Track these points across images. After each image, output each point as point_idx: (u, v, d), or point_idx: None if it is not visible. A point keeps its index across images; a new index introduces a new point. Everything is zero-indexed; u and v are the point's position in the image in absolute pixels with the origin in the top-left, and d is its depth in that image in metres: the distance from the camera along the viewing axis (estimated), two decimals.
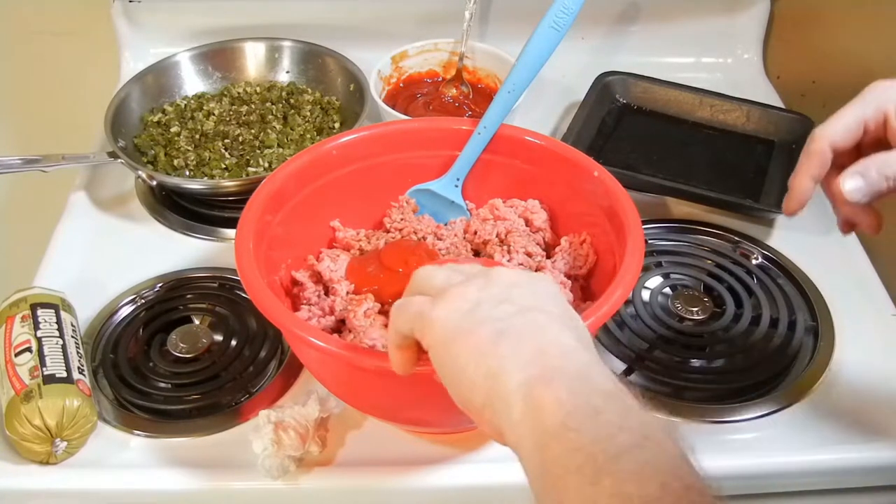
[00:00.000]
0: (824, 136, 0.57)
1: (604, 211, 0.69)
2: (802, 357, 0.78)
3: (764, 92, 1.11)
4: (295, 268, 0.73)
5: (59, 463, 0.68)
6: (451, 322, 0.45)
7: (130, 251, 0.89)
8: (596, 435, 0.39)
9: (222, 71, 1.06)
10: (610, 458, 0.37)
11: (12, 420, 0.66)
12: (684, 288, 0.83)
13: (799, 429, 0.72)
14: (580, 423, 0.39)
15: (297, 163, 0.73)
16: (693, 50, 1.16)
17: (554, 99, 1.09)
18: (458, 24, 1.03)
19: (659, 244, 0.89)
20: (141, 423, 0.72)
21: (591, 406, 0.40)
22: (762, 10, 1.14)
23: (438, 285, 0.48)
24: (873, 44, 1.00)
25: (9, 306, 0.74)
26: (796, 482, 0.72)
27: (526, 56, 0.76)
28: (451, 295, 0.46)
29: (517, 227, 0.75)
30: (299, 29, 1.08)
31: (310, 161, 0.73)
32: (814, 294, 0.83)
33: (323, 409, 0.69)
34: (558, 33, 0.75)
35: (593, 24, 1.14)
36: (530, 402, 0.40)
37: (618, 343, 0.77)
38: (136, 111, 1.00)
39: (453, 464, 0.69)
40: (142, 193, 0.96)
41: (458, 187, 0.78)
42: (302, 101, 1.02)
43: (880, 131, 0.56)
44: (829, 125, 0.57)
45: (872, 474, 0.72)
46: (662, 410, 0.73)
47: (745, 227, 0.91)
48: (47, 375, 0.67)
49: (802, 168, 0.58)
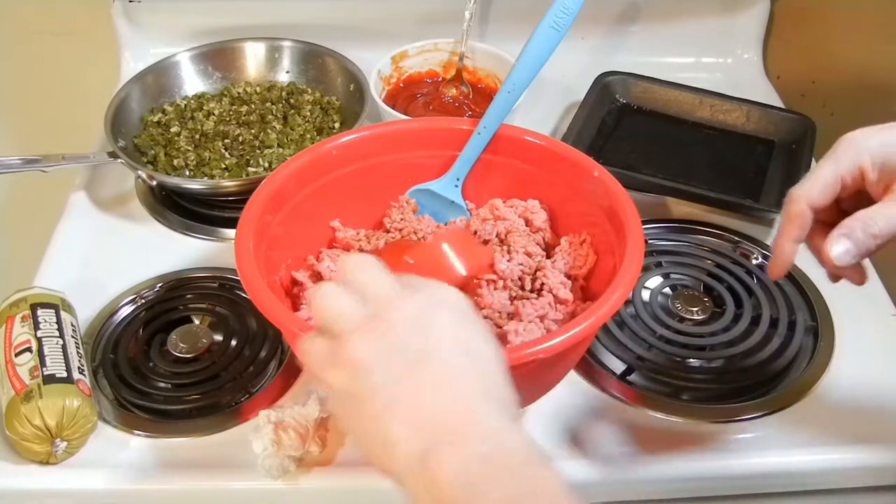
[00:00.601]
0: (801, 198, 0.56)
1: (604, 211, 0.69)
2: (802, 357, 0.78)
3: (764, 92, 1.11)
4: (295, 268, 0.73)
5: (59, 463, 0.68)
6: (345, 390, 0.45)
7: (130, 251, 0.89)
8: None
9: (222, 71, 1.06)
10: None
11: (12, 420, 0.66)
12: (684, 288, 0.83)
13: (799, 429, 0.72)
14: (469, 499, 0.39)
15: (297, 163, 0.73)
16: (693, 50, 1.16)
17: (554, 99, 1.09)
18: (458, 24, 1.03)
19: (659, 244, 0.89)
20: (141, 423, 0.72)
21: (483, 476, 0.40)
22: (762, 10, 1.14)
23: (336, 329, 0.46)
24: (873, 44, 1.00)
25: (9, 306, 0.74)
26: (796, 482, 0.72)
27: (526, 56, 0.76)
28: (345, 359, 0.44)
29: (517, 227, 0.75)
30: (299, 29, 1.08)
31: (310, 161, 0.73)
32: (814, 294, 0.83)
33: (323, 409, 0.69)
34: (558, 33, 0.75)
35: (593, 24, 1.14)
36: (425, 474, 0.41)
37: (618, 343, 0.77)
38: (136, 111, 1.00)
39: None
40: (142, 193, 0.96)
41: (458, 187, 0.78)
42: (302, 101, 1.02)
43: (858, 183, 0.56)
44: (805, 185, 0.56)
45: (872, 474, 0.72)
46: (662, 410, 0.73)
47: (745, 227, 0.91)
48: (47, 375, 0.67)
49: (784, 232, 0.57)
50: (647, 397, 0.74)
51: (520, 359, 0.56)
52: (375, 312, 0.46)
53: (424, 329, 0.45)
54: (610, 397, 0.74)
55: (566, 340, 0.57)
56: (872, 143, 0.55)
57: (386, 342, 0.44)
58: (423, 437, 0.42)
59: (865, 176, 0.55)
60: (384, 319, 0.45)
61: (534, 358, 0.56)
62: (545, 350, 0.56)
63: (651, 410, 0.73)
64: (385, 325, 0.45)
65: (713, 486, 0.72)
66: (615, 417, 0.73)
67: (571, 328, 0.57)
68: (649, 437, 0.71)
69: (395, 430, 0.42)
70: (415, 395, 0.43)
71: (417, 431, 0.42)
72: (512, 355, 0.57)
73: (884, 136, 0.56)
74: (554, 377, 0.68)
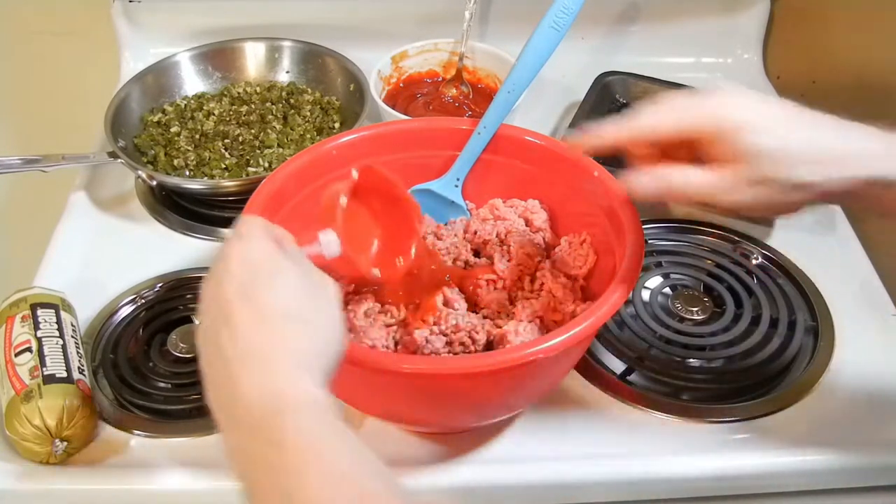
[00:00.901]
0: (649, 126, 0.56)
1: (604, 211, 0.69)
2: (802, 357, 0.78)
3: (764, 92, 1.10)
4: None
5: (59, 463, 0.68)
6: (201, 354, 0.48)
7: (130, 251, 0.89)
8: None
9: (222, 71, 1.06)
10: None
11: (12, 420, 0.66)
12: (684, 288, 0.83)
13: (799, 429, 0.72)
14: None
15: (297, 163, 0.73)
16: (693, 50, 1.16)
17: (554, 99, 1.09)
18: (458, 24, 1.03)
19: (659, 244, 0.89)
20: (141, 423, 0.72)
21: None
22: (762, 10, 1.14)
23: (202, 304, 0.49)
24: (873, 44, 1.00)
25: (9, 306, 0.74)
26: (796, 482, 0.72)
27: (526, 56, 0.76)
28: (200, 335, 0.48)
29: (517, 227, 0.75)
30: (299, 29, 1.08)
31: (310, 161, 0.73)
32: (814, 294, 0.83)
33: None
34: (558, 33, 0.75)
35: (593, 24, 1.14)
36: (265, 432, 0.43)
37: (618, 343, 0.77)
38: (136, 111, 1.00)
39: (453, 464, 0.69)
40: (142, 193, 0.96)
41: (458, 187, 0.78)
42: (302, 101, 1.02)
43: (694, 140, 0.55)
44: (655, 119, 0.56)
45: (872, 474, 0.72)
46: (662, 410, 0.73)
47: (745, 227, 0.91)
48: (47, 375, 0.67)
49: (615, 129, 0.57)
50: (647, 397, 0.74)
51: (520, 359, 0.56)
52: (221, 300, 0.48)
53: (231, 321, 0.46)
54: (610, 397, 0.74)
55: (566, 340, 0.57)
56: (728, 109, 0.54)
57: (215, 330, 0.46)
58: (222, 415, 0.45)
59: (719, 143, 0.54)
60: (221, 311, 0.47)
61: (534, 358, 0.56)
62: (545, 350, 0.56)
63: (651, 410, 0.73)
64: (220, 312, 0.47)
65: (713, 486, 0.72)
66: (615, 417, 0.73)
67: (571, 328, 0.57)
68: (649, 437, 0.71)
69: (210, 397, 0.45)
70: (215, 382, 0.46)
71: (218, 409, 0.45)
72: (512, 355, 0.57)
73: (747, 104, 0.54)
74: (554, 377, 0.68)
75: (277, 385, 0.43)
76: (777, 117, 0.54)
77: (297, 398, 0.43)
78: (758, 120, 0.53)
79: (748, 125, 0.53)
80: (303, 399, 0.43)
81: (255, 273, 0.47)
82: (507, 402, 0.67)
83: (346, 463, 0.41)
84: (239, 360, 0.45)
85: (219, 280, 0.48)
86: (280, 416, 0.42)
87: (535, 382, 0.65)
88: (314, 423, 0.42)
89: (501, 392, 0.63)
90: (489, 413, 0.68)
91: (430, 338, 0.65)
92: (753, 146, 0.53)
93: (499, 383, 0.61)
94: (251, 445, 0.42)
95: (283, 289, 0.47)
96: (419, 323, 0.66)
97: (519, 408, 0.70)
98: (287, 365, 0.45)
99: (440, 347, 0.65)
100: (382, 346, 0.66)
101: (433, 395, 0.62)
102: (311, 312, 0.48)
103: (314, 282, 0.50)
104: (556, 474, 0.69)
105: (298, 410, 0.42)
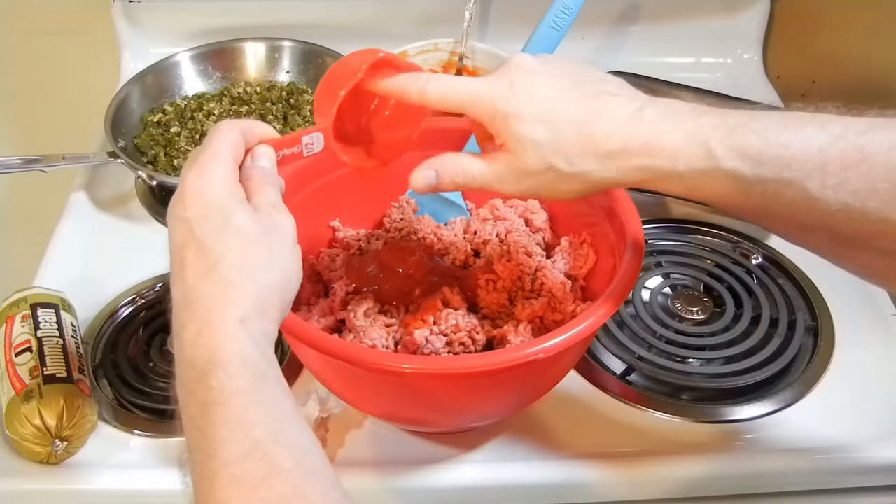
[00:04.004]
0: (437, 94, 0.56)
1: (604, 211, 0.69)
2: (802, 357, 0.78)
3: (764, 92, 1.11)
4: None
5: (59, 463, 0.68)
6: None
7: (130, 251, 0.89)
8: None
9: (222, 71, 1.06)
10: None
11: (12, 420, 0.66)
12: (684, 288, 0.83)
13: (799, 429, 0.72)
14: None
15: (297, 163, 0.72)
16: (693, 50, 1.16)
17: None
18: (458, 24, 1.03)
19: (659, 244, 0.89)
20: (141, 423, 0.72)
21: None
22: (762, 10, 1.14)
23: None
24: (873, 44, 1.00)
25: (9, 306, 0.74)
26: (796, 482, 0.72)
27: None
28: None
29: (517, 227, 0.75)
30: (299, 29, 1.08)
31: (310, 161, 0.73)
32: (814, 294, 0.83)
33: (323, 409, 0.69)
34: (558, 33, 0.75)
35: (593, 24, 1.14)
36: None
37: (618, 343, 0.77)
38: (136, 111, 1.00)
39: (453, 464, 0.69)
40: (142, 193, 0.96)
41: None
42: (302, 101, 1.02)
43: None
44: (444, 88, 0.55)
45: (872, 474, 0.72)
46: (662, 410, 0.73)
47: (745, 227, 0.91)
48: (47, 375, 0.67)
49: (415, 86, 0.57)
50: (647, 397, 0.74)
51: (520, 359, 0.56)
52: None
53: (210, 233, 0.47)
54: (610, 397, 0.74)
55: (566, 340, 0.57)
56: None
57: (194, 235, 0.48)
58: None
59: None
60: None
61: (533, 358, 0.56)
62: (545, 350, 0.56)
63: (651, 410, 0.73)
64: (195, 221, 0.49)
65: (713, 486, 0.72)
66: (615, 417, 0.73)
67: (571, 328, 0.57)
68: (649, 437, 0.71)
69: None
70: (188, 301, 0.46)
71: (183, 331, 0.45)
72: (512, 355, 0.57)
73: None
74: (554, 377, 0.68)
75: (215, 343, 0.43)
76: (554, 105, 0.50)
77: (230, 359, 0.43)
78: (530, 109, 0.51)
79: (520, 115, 0.51)
80: (238, 360, 0.43)
81: (207, 218, 0.48)
82: (507, 402, 0.67)
83: (264, 431, 0.42)
84: (187, 309, 0.45)
85: (176, 216, 0.49)
86: (212, 377, 0.42)
87: (535, 382, 0.65)
88: (244, 384, 0.42)
89: (501, 392, 0.63)
90: (489, 413, 0.68)
91: (430, 338, 0.65)
92: (518, 135, 0.51)
93: (499, 383, 0.61)
94: (185, 396, 0.44)
95: (233, 236, 0.47)
96: (419, 323, 0.66)
97: (519, 408, 0.70)
98: (229, 322, 0.44)
99: (440, 347, 0.65)
100: (382, 346, 0.66)
101: (433, 395, 0.62)
102: (265, 252, 0.47)
103: (267, 224, 0.49)
104: (556, 474, 0.69)
105: (230, 374, 0.42)
